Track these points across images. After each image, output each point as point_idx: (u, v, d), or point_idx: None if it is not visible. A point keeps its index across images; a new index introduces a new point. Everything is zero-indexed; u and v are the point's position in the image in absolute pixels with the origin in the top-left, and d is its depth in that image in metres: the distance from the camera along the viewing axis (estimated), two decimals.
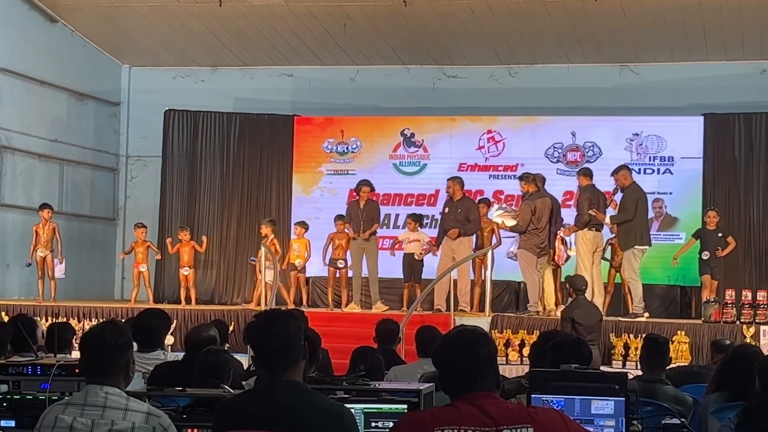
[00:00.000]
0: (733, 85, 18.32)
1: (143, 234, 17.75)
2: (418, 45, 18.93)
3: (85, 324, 15.29)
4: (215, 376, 6.29)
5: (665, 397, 6.95)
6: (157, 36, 19.50)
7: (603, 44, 18.43)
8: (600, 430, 4.94)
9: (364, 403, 5.20)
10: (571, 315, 12.86)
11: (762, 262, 17.53)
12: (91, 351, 4.79)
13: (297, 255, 17.61)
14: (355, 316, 16.30)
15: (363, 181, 17.39)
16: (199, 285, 19.16)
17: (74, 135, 19.72)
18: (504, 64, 19.37)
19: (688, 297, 17.70)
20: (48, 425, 4.69)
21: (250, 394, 4.77)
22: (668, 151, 18.01)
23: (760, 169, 17.72)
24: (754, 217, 17.71)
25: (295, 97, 20.11)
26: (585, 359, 6.41)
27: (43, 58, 18.90)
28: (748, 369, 6.63)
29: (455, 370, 4.14)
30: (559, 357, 6.24)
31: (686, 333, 14.46)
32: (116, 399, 4.69)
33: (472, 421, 3.99)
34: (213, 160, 19.64)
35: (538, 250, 15.58)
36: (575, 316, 12.79)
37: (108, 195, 20.77)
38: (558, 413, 4.17)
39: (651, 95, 18.65)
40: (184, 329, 15.44)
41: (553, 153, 18.44)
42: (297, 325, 4.61)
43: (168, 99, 19.94)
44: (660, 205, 17.90)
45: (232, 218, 19.39)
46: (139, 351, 7.22)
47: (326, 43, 19.04)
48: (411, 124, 19.12)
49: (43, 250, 16.95)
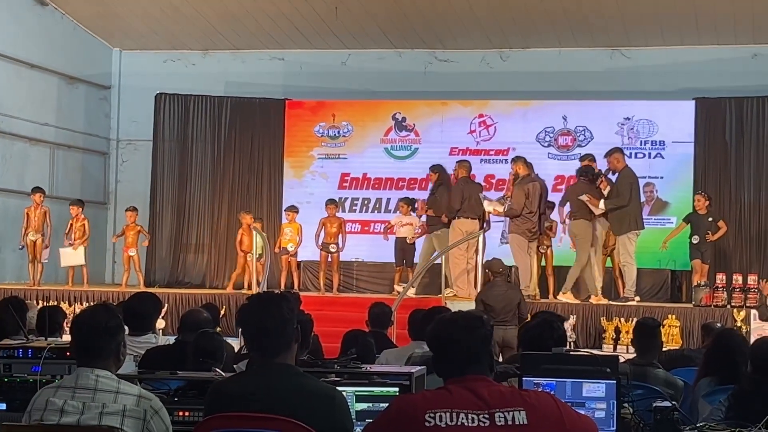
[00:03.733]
0: (724, 69, 18.32)
1: (134, 218, 17.72)
2: (409, 29, 18.90)
3: (76, 308, 15.30)
4: (210, 357, 6.30)
5: (656, 381, 6.96)
6: (148, 19, 19.45)
7: (594, 28, 18.41)
8: (591, 413, 4.93)
9: (356, 386, 5.20)
10: (481, 297, 13.15)
11: (752, 246, 17.57)
12: (82, 334, 4.78)
13: (289, 239, 17.62)
14: (346, 300, 16.34)
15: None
16: (190, 269, 19.22)
17: (65, 119, 19.68)
18: (495, 48, 19.35)
19: (679, 281, 17.73)
20: (39, 408, 4.68)
21: (241, 376, 4.77)
22: (659, 135, 18.03)
23: (750, 153, 17.74)
24: (744, 202, 17.74)
25: (287, 80, 20.07)
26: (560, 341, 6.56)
27: (33, 41, 18.84)
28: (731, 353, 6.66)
29: (450, 352, 4.14)
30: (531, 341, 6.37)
31: (677, 317, 14.51)
32: (107, 382, 4.68)
33: (464, 404, 3.99)
34: (204, 144, 19.62)
35: (529, 234, 15.61)
36: (485, 298, 13.03)
37: (99, 179, 20.74)
38: (551, 396, 4.17)
39: (642, 79, 18.65)
40: (175, 313, 15.47)
41: (545, 137, 18.44)
42: (290, 307, 4.60)
43: (159, 83, 19.90)
44: (651, 190, 17.92)
45: (223, 202, 19.37)
46: (131, 334, 7.21)
47: (318, 26, 18.99)
48: (402, 108, 19.10)
49: (34, 233, 16.92)
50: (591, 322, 14.88)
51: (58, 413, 4.63)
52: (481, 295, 13.36)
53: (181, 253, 19.43)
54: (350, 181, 18.95)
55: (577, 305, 15.13)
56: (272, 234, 18.14)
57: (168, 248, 19.38)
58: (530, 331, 6.99)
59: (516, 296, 13.17)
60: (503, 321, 12.29)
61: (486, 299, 12.96)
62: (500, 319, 12.18)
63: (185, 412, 5.32)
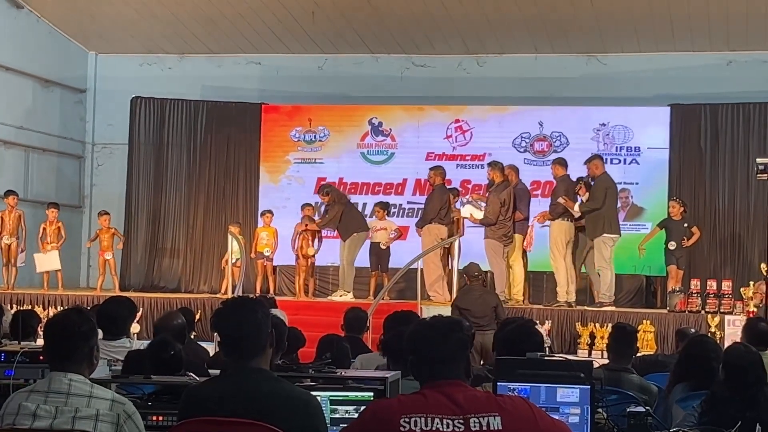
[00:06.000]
0: (699, 75, 18.41)
1: (107, 221, 17.66)
2: (386, 34, 18.91)
3: (50, 311, 15.23)
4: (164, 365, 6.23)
5: (630, 386, 6.98)
6: (124, 23, 19.38)
7: (570, 34, 18.47)
8: (565, 418, 4.95)
9: (331, 391, 5.20)
10: (456, 303, 13.21)
11: (727, 252, 17.65)
12: (55, 338, 4.76)
13: (265, 244, 17.61)
14: (322, 305, 16.34)
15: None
16: (165, 273, 19.16)
17: (40, 122, 19.58)
18: (472, 54, 19.38)
19: (654, 287, 17.81)
20: (11, 412, 4.66)
21: (216, 381, 4.76)
22: (635, 141, 18.10)
23: (725, 159, 17.82)
24: (719, 208, 17.82)
25: (263, 85, 20.04)
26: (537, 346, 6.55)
27: (8, 44, 18.73)
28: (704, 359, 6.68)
29: (426, 356, 4.14)
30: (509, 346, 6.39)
31: (651, 322, 14.58)
32: (80, 386, 4.66)
33: (439, 410, 3.99)
34: (180, 148, 19.57)
35: (505, 239, 15.73)
36: (460, 303, 13.09)
37: (74, 182, 20.64)
38: (525, 402, 4.17)
39: (618, 86, 18.72)
40: (150, 317, 15.42)
41: (521, 143, 18.48)
42: (265, 312, 4.61)
43: (135, 86, 19.82)
44: (626, 195, 17.97)
45: (199, 206, 19.33)
46: (105, 339, 7.18)
47: (294, 31, 18.97)
48: (379, 112, 19.10)
49: (8, 237, 16.85)
50: (566, 327, 14.93)
51: (30, 417, 4.61)
52: (456, 300, 13.40)
53: (157, 258, 19.36)
54: None
55: (551, 311, 15.17)
56: (248, 238, 18.10)
57: (143, 252, 19.31)
58: (506, 336, 6.99)
59: (492, 300, 13.18)
60: (480, 326, 12.26)
61: (461, 304, 12.97)
62: (477, 323, 12.14)
63: (159, 416, 5.31)
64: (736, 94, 18.04)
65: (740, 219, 17.68)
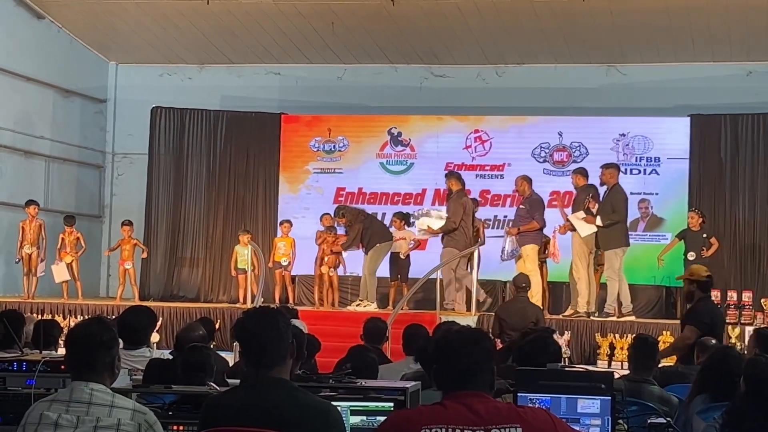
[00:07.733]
0: (719, 86, 18.37)
1: (129, 231, 17.73)
2: (405, 44, 18.93)
3: (70, 321, 15.27)
4: (199, 371, 6.29)
5: (651, 397, 6.95)
6: (144, 33, 19.46)
7: (590, 44, 18.46)
8: (586, 429, 4.94)
9: (351, 401, 5.20)
10: (497, 311, 13.43)
11: (747, 263, 17.58)
12: (77, 347, 4.77)
13: (282, 254, 17.62)
14: (342, 315, 16.31)
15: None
16: (185, 282, 19.20)
17: (60, 132, 19.67)
18: (491, 64, 19.39)
19: (674, 297, 17.73)
20: (33, 422, 4.66)
21: (236, 391, 4.76)
22: (654, 152, 18.06)
23: (745, 170, 17.76)
24: (739, 218, 17.76)
25: (282, 95, 20.09)
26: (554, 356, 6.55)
27: (29, 54, 18.83)
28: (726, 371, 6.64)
29: (451, 366, 4.13)
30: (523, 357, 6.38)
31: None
32: (102, 396, 4.67)
33: (459, 420, 3.98)
34: (199, 158, 19.62)
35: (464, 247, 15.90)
36: (500, 311, 13.24)
37: (94, 192, 20.72)
38: (546, 413, 4.16)
39: (637, 96, 18.69)
40: (170, 327, 15.46)
41: (540, 153, 18.46)
42: (286, 322, 4.60)
43: (155, 96, 19.90)
44: (646, 206, 17.94)
45: (219, 216, 19.37)
46: (125, 348, 7.19)
47: (314, 41, 19.02)
48: (398, 123, 19.12)
49: (29, 246, 16.91)
50: (585, 338, 14.87)
51: (52, 427, 4.62)
52: (499, 308, 13.57)
53: (176, 267, 19.41)
54: (346, 196, 18.94)
55: (571, 321, 15.12)
56: (266, 248, 18.10)
57: (163, 262, 19.36)
58: (525, 347, 6.98)
59: (533, 314, 13.05)
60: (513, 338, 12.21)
61: (501, 313, 13.12)
62: (510, 336, 12.00)
63: (179, 426, 5.31)
64: (757, 105, 17.99)
65: (761, 230, 17.62)
